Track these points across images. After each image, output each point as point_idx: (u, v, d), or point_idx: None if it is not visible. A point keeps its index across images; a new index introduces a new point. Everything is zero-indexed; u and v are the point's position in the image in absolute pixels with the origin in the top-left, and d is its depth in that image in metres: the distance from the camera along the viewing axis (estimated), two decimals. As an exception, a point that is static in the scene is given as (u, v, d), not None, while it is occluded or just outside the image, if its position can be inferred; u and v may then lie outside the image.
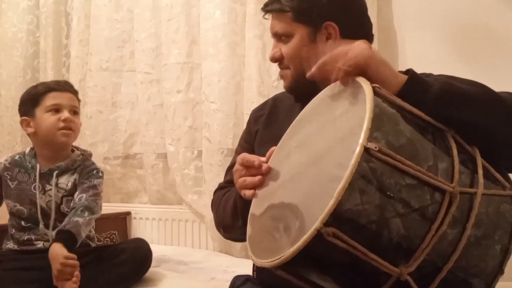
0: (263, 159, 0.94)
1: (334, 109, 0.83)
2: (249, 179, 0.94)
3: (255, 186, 0.92)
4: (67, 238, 1.49)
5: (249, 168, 0.94)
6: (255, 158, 0.94)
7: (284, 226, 0.75)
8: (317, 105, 0.91)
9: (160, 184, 2.40)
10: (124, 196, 2.57)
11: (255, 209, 0.92)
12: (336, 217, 0.62)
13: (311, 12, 1.08)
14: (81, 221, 1.54)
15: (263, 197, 0.91)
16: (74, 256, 1.43)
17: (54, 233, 1.58)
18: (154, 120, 2.39)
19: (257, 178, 0.92)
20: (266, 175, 0.92)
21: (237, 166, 0.97)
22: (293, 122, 0.96)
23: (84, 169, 1.70)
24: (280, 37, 1.13)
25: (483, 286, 0.73)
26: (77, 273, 1.41)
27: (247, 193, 0.93)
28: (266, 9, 1.14)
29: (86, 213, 1.58)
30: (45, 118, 1.65)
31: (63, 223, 1.54)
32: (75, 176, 1.68)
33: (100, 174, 1.72)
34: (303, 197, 0.75)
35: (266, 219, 0.85)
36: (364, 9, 1.15)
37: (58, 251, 1.43)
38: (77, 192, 1.65)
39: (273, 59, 1.15)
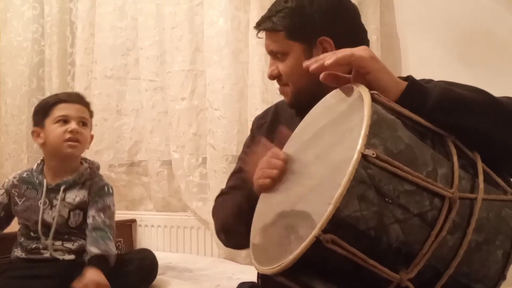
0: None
1: (334, 117, 0.83)
2: (267, 171, 0.92)
3: (272, 177, 0.91)
4: (103, 264, 1.52)
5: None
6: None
7: (285, 233, 0.75)
8: (317, 113, 0.92)
9: (165, 191, 2.40)
10: (129, 204, 2.58)
11: (258, 215, 0.92)
12: (335, 224, 0.62)
13: (304, 29, 1.07)
14: (111, 245, 1.58)
15: (268, 204, 0.91)
16: (108, 285, 1.47)
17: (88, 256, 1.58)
18: (158, 127, 2.40)
19: (275, 171, 0.90)
20: (285, 164, 0.90)
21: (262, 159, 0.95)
22: (294, 132, 0.97)
23: (94, 185, 1.70)
24: (275, 54, 1.12)
25: (485, 291, 0.73)
26: None
27: (262, 181, 0.91)
28: (259, 28, 1.13)
29: (112, 237, 1.62)
30: (52, 129, 1.65)
31: (95, 247, 1.56)
32: (84, 192, 1.68)
33: (111, 191, 1.73)
34: (305, 205, 0.75)
35: (268, 230, 0.85)
36: (357, 17, 1.13)
37: (95, 277, 1.46)
38: (92, 211, 1.65)
39: (271, 77, 1.14)
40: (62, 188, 1.66)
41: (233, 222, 1.12)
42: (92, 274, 1.46)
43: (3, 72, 2.90)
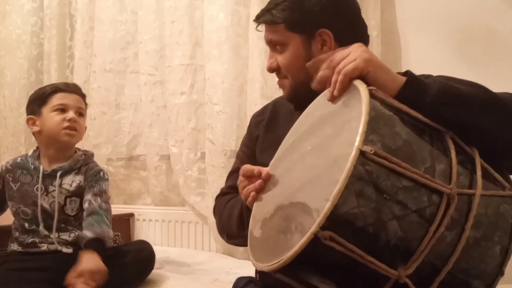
0: (264, 168, 0.94)
1: (332, 113, 0.83)
2: (251, 187, 0.94)
3: (256, 190, 0.92)
4: (100, 247, 1.50)
5: (251, 178, 0.95)
6: (254, 167, 0.94)
7: (283, 230, 0.75)
8: (315, 110, 0.92)
9: (163, 186, 2.40)
10: (127, 198, 2.58)
11: (256, 213, 0.92)
12: (333, 221, 0.62)
13: (303, 21, 1.07)
14: (107, 229, 1.57)
15: (265, 202, 0.91)
16: (105, 269, 1.44)
17: (80, 237, 1.57)
18: (157, 122, 2.40)
19: (258, 182, 0.92)
20: (266, 180, 0.92)
21: (240, 178, 0.98)
22: (292, 128, 0.97)
23: (89, 170, 1.69)
24: (274, 46, 1.12)
25: (483, 287, 0.73)
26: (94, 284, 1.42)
27: (249, 200, 0.93)
28: (258, 21, 1.13)
29: (108, 221, 1.60)
30: (50, 117, 1.65)
31: (89, 232, 1.54)
32: (80, 177, 1.68)
33: (106, 176, 1.73)
34: (303, 202, 0.75)
35: (267, 224, 0.85)
36: (357, 11, 1.13)
37: (90, 265, 1.43)
38: (89, 195, 1.64)
39: (270, 70, 1.14)
40: (58, 174, 1.66)
41: (236, 228, 1.13)
42: (88, 262, 1.44)
43: (1, 65, 2.90)
